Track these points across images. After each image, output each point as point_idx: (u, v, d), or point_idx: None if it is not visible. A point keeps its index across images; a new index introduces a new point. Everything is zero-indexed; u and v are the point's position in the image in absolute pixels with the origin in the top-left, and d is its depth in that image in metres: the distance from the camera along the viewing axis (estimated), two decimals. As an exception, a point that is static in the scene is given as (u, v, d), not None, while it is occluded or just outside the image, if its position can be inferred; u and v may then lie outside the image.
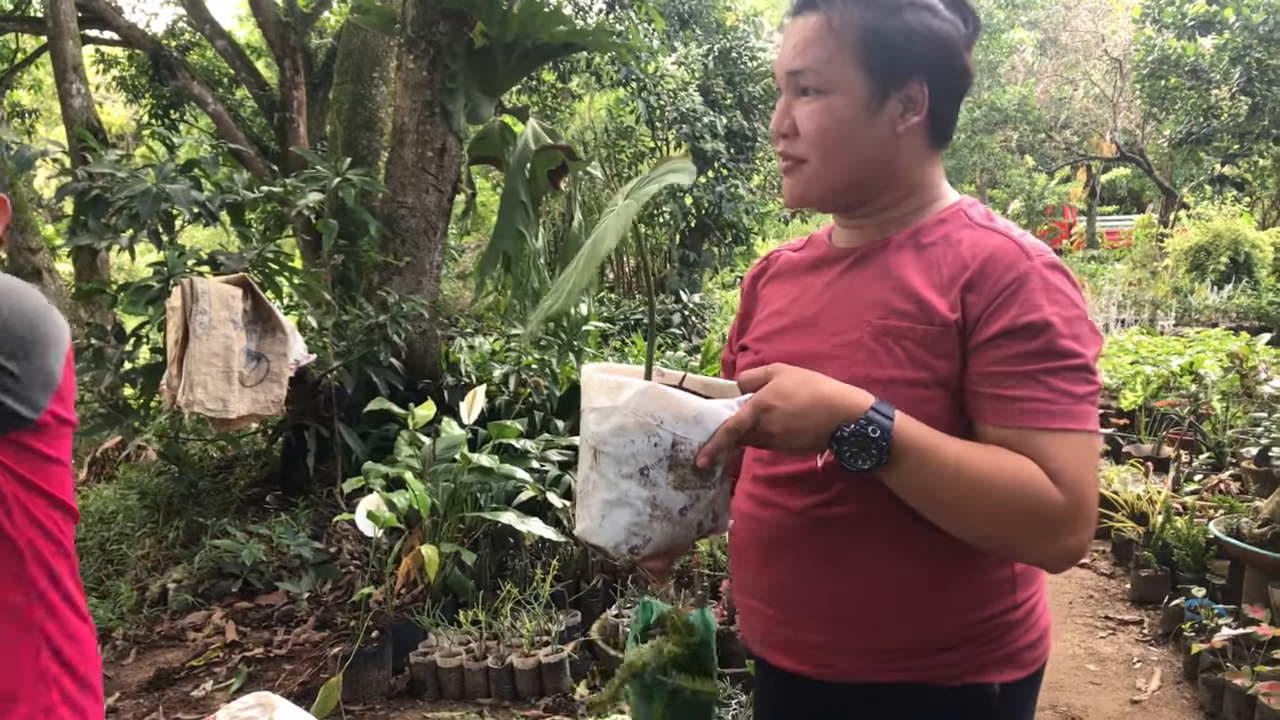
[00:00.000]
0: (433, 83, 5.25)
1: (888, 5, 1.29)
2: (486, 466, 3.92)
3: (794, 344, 1.39)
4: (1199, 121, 14.46)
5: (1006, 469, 1.17)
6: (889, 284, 1.31)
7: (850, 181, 1.35)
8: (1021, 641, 1.34)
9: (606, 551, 1.25)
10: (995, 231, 1.30)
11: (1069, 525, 1.17)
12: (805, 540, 1.36)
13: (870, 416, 1.18)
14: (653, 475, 1.21)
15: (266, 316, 4.21)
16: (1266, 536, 4.01)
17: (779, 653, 1.43)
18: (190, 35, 12.55)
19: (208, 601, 4.22)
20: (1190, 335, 9.75)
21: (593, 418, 1.24)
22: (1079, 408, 1.19)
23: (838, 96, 1.30)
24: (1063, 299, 1.22)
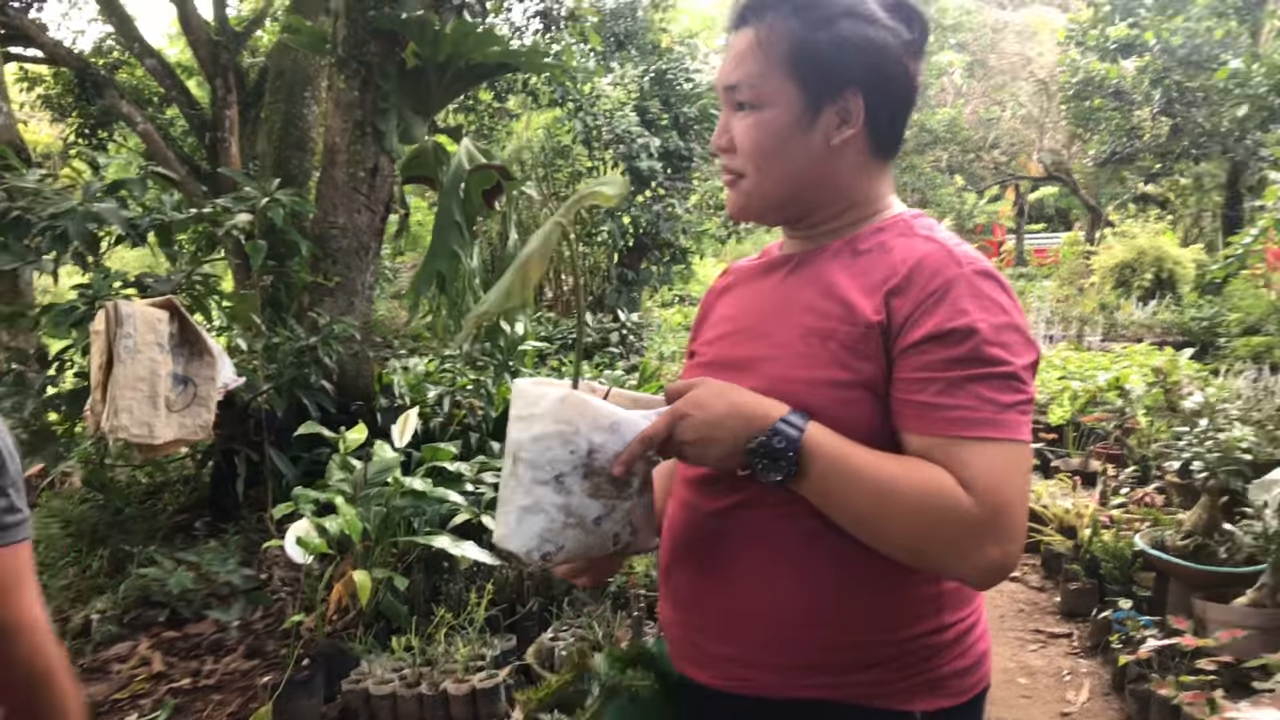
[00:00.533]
0: (364, 103, 5.22)
1: (818, 17, 1.29)
2: (419, 490, 3.88)
3: (735, 348, 1.40)
4: (1122, 142, 14.83)
5: (916, 477, 1.16)
6: (820, 287, 1.31)
7: (787, 195, 1.35)
8: (949, 667, 1.30)
9: (519, 557, 1.26)
10: (929, 239, 1.28)
11: (983, 536, 1.13)
12: (719, 544, 1.34)
13: (778, 428, 1.18)
14: (567, 482, 1.24)
15: (194, 340, 4.14)
16: (1189, 548, 4.10)
17: (692, 665, 1.40)
18: (119, 53, 12.34)
19: (133, 632, 4.12)
20: (1117, 351, 9.94)
21: (515, 426, 1.27)
22: (1003, 416, 1.16)
23: (771, 110, 1.31)
24: (992, 306, 1.20)
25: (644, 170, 11.90)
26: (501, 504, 1.29)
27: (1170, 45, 12.82)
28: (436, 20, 4.98)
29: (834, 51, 1.28)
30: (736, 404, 1.22)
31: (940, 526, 1.14)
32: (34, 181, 4.53)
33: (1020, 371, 1.19)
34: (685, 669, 1.42)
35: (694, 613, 1.39)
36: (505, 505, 1.27)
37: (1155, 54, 13.12)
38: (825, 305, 1.28)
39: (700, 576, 1.38)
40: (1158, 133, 14.28)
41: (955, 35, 23.09)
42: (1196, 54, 12.79)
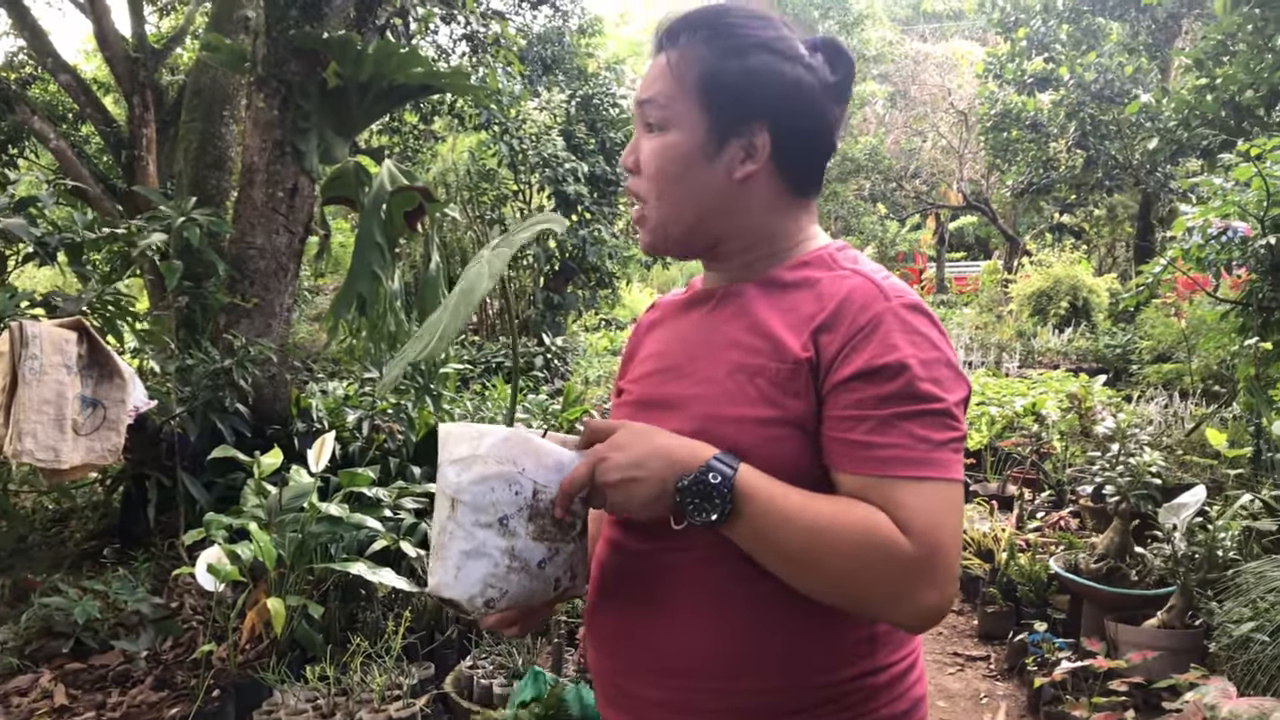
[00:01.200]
0: (284, 122, 5.15)
1: (731, 46, 1.27)
2: (336, 516, 3.81)
3: (661, 386, 1.36)
4: (1039, 173, 15.17)
5: (850, 519, 1.12)
6: (746, 323, 1.28)
7: (690, 224, 1.32)
8: (886, 710, 1.25)
9: (461, 605, 1.21)
10: (855, 273, 1.25)
11: (921, 579, 1.10)
12: (644, 586, 1.31)
13: (711, 465, 1.14)
14: (512, 525, 1.19)
15: (104, 361, 4.03)
16: (1102, 571, 4.18)
17: (617, 710, 1.36)
18: (31, 68, 12.06)
19: (35, 664, 3.97)
20: (1033, 377, 10.15)
21: (452, 470, 1.22)
22: (937, 455, 1.13)
23: (676, 134, 1.29)
24: (922, 341, 1.17)
25: (570, 195, 11.93)
26: (438, 550, 1.23)
27: (1084, 80, 13.17)
28: (359, 40, 4.93)
29: (743, 83, 1.27)
30: (660, 445, 1.18)
31: (877, 569, 1.10)
32: (-63, 198, 4.39)
33: (952, 408, 1.16)
34: (609, 714, 1.38)
35: (618, 657, 1.35)
36: (443, 551, 1.21)
37: (1070, 88, 13.46)
38: (752, 341, 1.26)
39: (624, 619, 1.34)
40: (1073, 164, 14.64)
41: (877, 66, 23.50)
42: (1109, 89, 13.16)
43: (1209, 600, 3.67)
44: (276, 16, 5.05)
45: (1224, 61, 7.97)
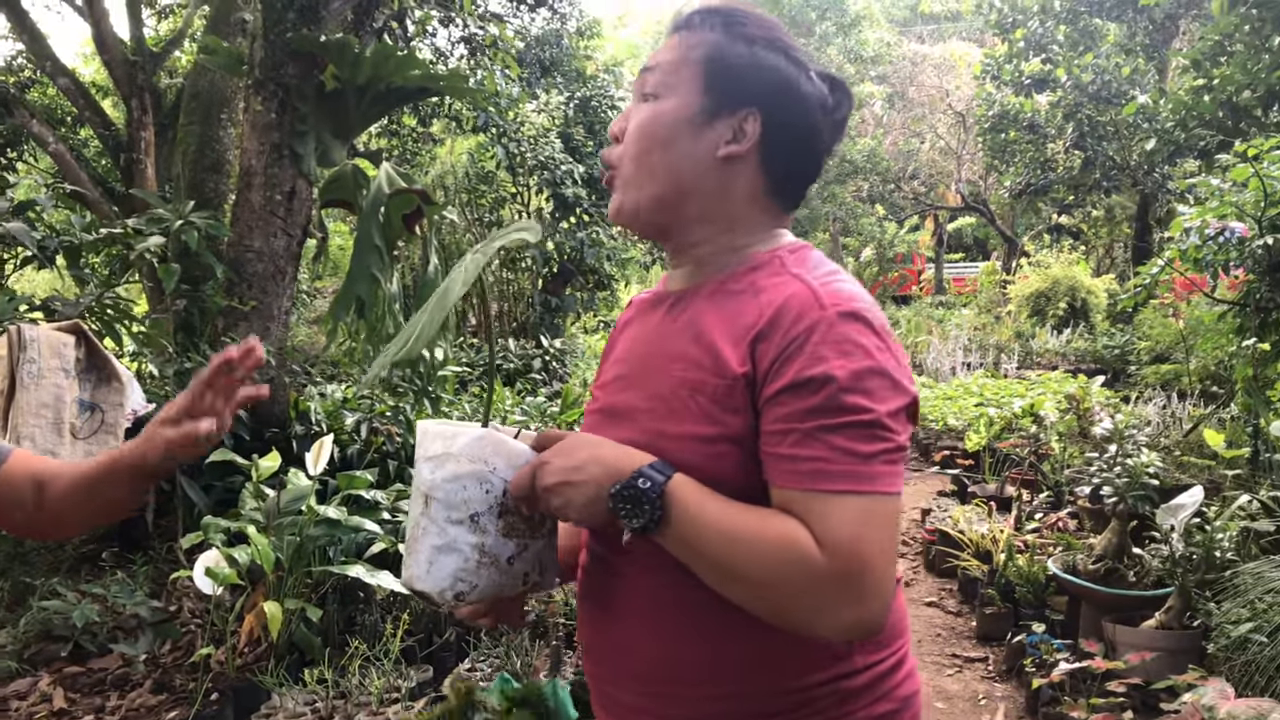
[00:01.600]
0: (281, 125, 5.15)
1: (743, 34, 1.31)
2: (334, 518, 3.81)
3: (619, 395, 1.37)
4: (1037, 174, 15.18)
5: (770, 531, 1.12)
6: (692, 334, 1.28)
7: (658, 194, 1.32)
8: (864, 713, 1.25)
9: (432, 598, 1.25)
10: (797, 278, 1.23)
11: (837, 595, 1.08)
12: (617, 591, 1.33)
13: (642, 471, 1.16)
14: (483, 522, 1.24)
15: (102, 365, 4.04)
16: (1100, 572, 4.18)
17: (605, 713, 1.38)
18: (30, 72, 12.06)
19: (34, 667, 3.97)
20: (1032, 378, 10.16)
21: (426, 466, 1.26)
22: (864, 468, 1.11)
23: (669, 101, 1.31)
24: (854, 350, 1.14)
25: (569, 197, 11.93)
26: (412, 544, 1.27)
27: (1081, 81, 13.19)
28: (356, 43, 4.94)
29: (746, 67, 1.29)
30: (598, 453, 1.20)
31: (793, 583, 1.10)
32: (-64, 201, 4.39)
33: (885, 419, 1.13)
34: (600, 716, 1.40)
35: (602, 661, 1.37)
36: (416, 545, 1.26)
37: (1067, 89, 13.47)
38: (696, 354, 1.25)
39: (603, 624, 1.36)
40: (1070, 165, 14.65)
41: (875, 67, 23.53)
42: (1106, 90, 13.18)
43: (1207, 601, 3.67)
44: (274, 20, 5.05)
45: (1221, 62, 7.97)
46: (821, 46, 21.10)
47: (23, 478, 1.38)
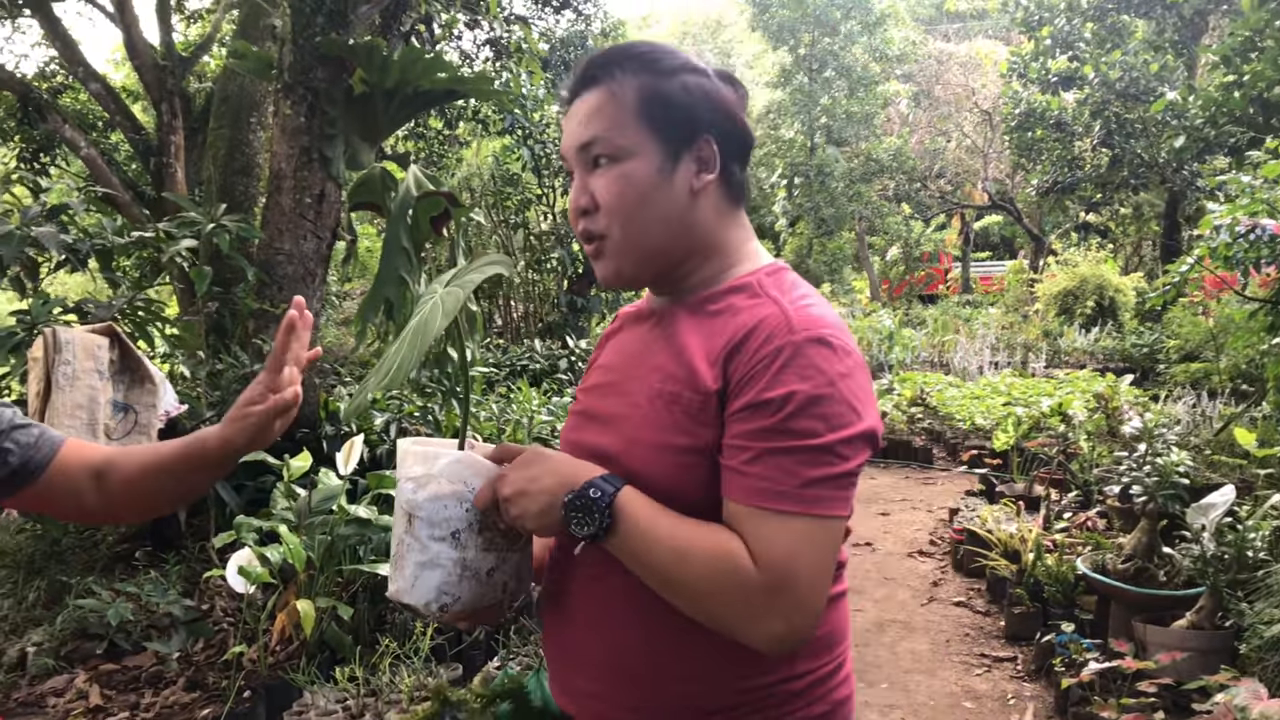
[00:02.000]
0: (311, 129, 5.19)
1: (664, 69, 1.32)
2: (365, 518, 3.85)
3: (601, 401, 1.42)
4: (1064, 172, 15.08)
5: (709, 543, 1.18)
6: (674, 348, 1.32)
7: (654, 248, 1.34)
8: (802, 713, 1.31)
9: (418, 610, 1.33)
10: (773, 301, 1.27)
11: (766, 608, 1.14)
12: (575, 583, 1.39)
13: (594, 482, 1.22)
14: (463, 538, 1.31)
15: (135, 366, 4.09)
16: (1129, 572, 4.16)
17: (563, 696, 1.45)
18: (63, 78, 12.19)
19: (70, 665, 4.03)
20: (1060, 377, 10.11)
21: (408, 486, 1.33)
22: (808, 491, 1.16)
23: (631, 161, 1.31)
24: (815, 375, 1.18)
25: (593, 197, 11.94)
26: (397, 560, 1.34)
27: (1109, 78, 13.09)
28: (384, 46, 4.97)
29: (685, 99, 1.32)
30: (554, 466, 1.27)
31: (724, 593, 1.16)
32: (-28, 206, 4.46)
33: (836, 445, 1.17)
34: (559, 700, 1.46)
35: (560, 647, 1.44)
36: (402, 561, 1.33)
37: (1094, 86, 13.38)
38: (674, 368, 1.30)
39: (562, 613, 1.42)
40: (1098, 163, 14.55)
41: (901, 66, 23.43)
42: (1134, 87, 13.08)
43: (1239, 601, 3.65)
44: (303, 24, 5.10)
45: (1252, 58, 7.90)
46: (846, 45, 21.03)
47: (78, 467, 1.41)
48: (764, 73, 24.76)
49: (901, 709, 3.96)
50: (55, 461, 1.39)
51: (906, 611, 5.06)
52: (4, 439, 1.36)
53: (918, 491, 7.75)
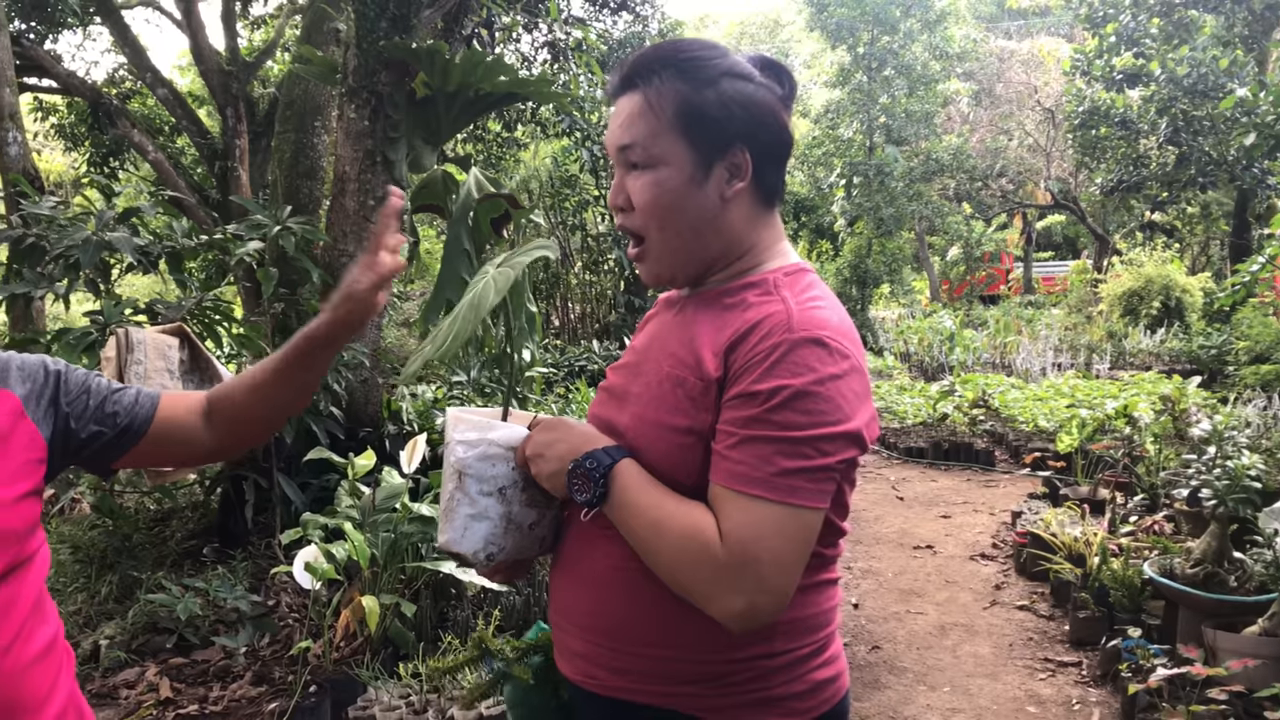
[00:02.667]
0: (374, 132, 5.26)
1: (703, 78, 1.36)
2: (428, 516, 3.89)
3: (621, 379, 1.50)
4: (1129, 170, 14.83)
5: (685, 518, 1.27)
6: (685, 335, 1.40)
7: (690, 249, 1.42)
8: (780, 690, 1.37)
9: (467, 558, 1.46)
10: (781, 300, 1.34)
11: (727, 584, 1.22)
12: (580, 552, 1.47)
13: (593, 453, 1.34)
14: (509, 494, 1.45)
15: (204, 366, 4.17)
16: (1199, 576, 4.08)
17: (560, 658, 1.53)
18: (131, 83, 12.47)
19: (141, 658, 4.12)
20: (1125, 379, 9.95)
21: (460, 448, 1.45)
22: (782, 480, 1.23)
23: (665, 169, 1.37)
24: (805, 372, 1.25)
25: (651, 198, 11.95)
26: (448, 513, 1.47)
27: (1176, 75, 12.84)
28: (446, 50, 5.02)
29: (719, 110, 1.36)
30: (569, 434, 1.40)
31: (691, 566, 1.25)
32: (48, 209, 4.57)
33: (818, 440, 1.24)
34: (560, 665, 1.54)
35: (560, 611, 1.51)
36: (452, 515, 1.46)
37: (1161, 83, 13.13)
38: (684, 354, 1.37)
39: (564, 576, 1.50)
40: (1164, 161, 14.29)
41: (962, 64, 23.19)
42: (1202, 83, 12.81)
43: (1312, 607, 3.57)
44: (367, 28, 5.16)
45: (1325, 53, 7.72)
46: (906, 44, 20.84)
47: (184, 415, 1.51)
48: (822, 72, 24.63)
49: (964, 713, 3.93)
50: (158, 415, 1.48)
51: (968, 615, 5.01)
52: (107, 403, 1.43)
53: (979, 494, 7.67)
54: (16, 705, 1.23)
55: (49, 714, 1.28)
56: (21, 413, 1.32)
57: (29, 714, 1.25)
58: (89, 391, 1.42)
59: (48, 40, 11.34)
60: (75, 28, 11.97)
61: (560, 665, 1.53)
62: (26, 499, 1.29)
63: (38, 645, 1.28)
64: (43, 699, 1.28)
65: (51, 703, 1.29)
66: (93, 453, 1.42)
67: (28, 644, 1.26)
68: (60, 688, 1.32)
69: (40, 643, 1.28)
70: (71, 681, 1.37)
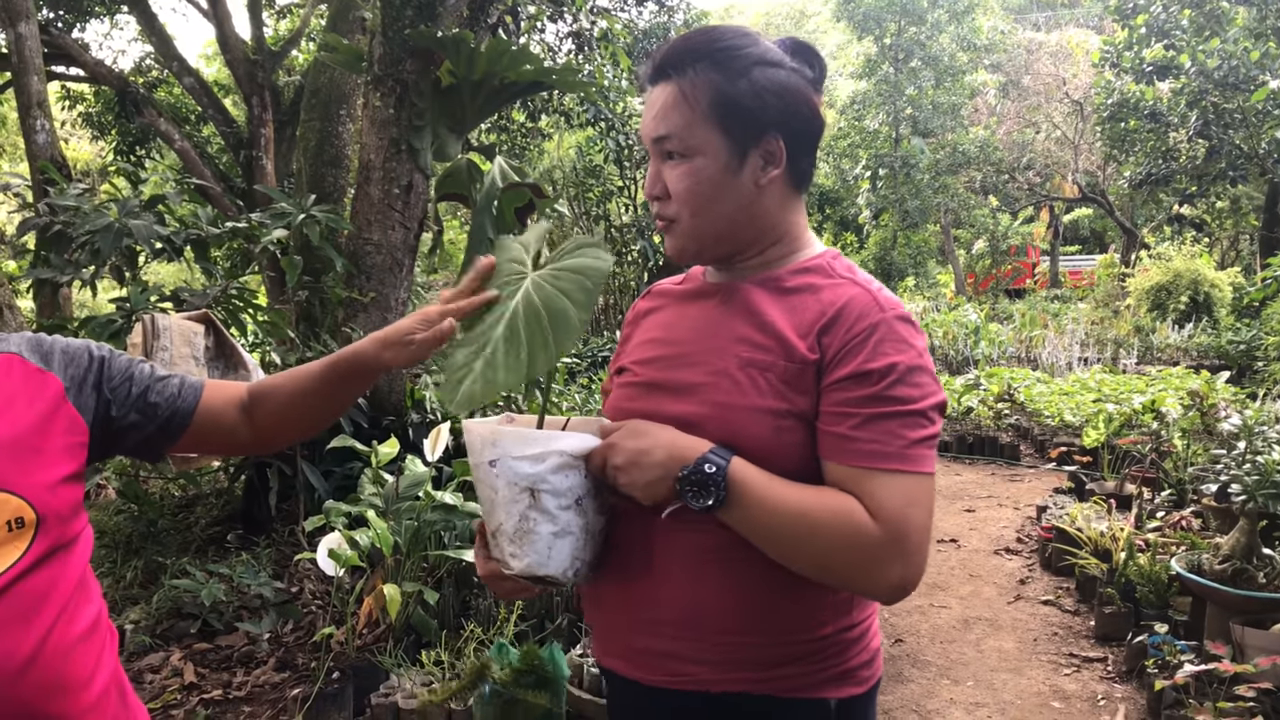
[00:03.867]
0: (399, 120, 5.26)
1: (736, 67, 1.38)
2: (450, 504, 3.89)
3: (669, 372, 1.47)
4: (1158, 163, 14.68)
5: (828, 505, 1.28)
6: (754, 321, 1.41)
7: (720, 234, 1.44)
8: (856, 660, 1.43)
9: (556, 579, 1.39)
10: (854, 283, 1.39)
11: (888, 557, 1.26)
12: (647, 546, 1.44)
13: (707, 456, 1.30)
14: (584, 504, 1.39)
15: (229, 353, 4.18)
16: (1227, 573, 4.04)
17: (626, 662, 1.49)
18: (158, 72, 12.53)
19: (166, 643, 4.14)
20: (1152, 373, 9.86)
21: (525, 464, 1.36)
22: (911, 451, 1.29)
23: (700, 159, 1.39)
24: (909, 350, 1.32)
25: (675, 189, 11.91)
26: (521, 535, 1.38)
27: (1206, 67, 12.69)
28: (471, 38, 5.01)
29: (753, 100, 1.37)
30: (663, 438, 1.34)
31: (848, 550, 1.27)
32: (74, 197, 4.59)
33: (928, 410, 1.32)
34: (614, 665, 1.52)
35: (627, 613, 1.47)
36: (530, 536, 1.37)
37: (1191, 76, 12.98)
38: (761, 339, 1.38)
39: (628, 576, 1.46)
40: (1194, 154, 14.13)
41: (989, 56, 23.03)
42: (1233, 75, 12.66)
43: (1343, 605, 3.52)
44: (392, 16, 5.16)
45: (1360, 44, 7.61)
46: (933, 35, 20.73)
47: (225, 406, 1.51)
48: (848, 63, 24.53)
49: (988, 707, 3.90)
50: (201, 405, 1.48)
51: (993, 609, 4.98)
52: (150, 393, 1.44)
53: (1004, 488, 7.61)
54: (61, 684, 1.25)
55: (92, 692, 1.30)
56: (63, 397, 1.33)
57: (73, 692, 1.26)
58: (132, 379, 1.42)
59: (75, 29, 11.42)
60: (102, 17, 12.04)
61: (616, 665, 1.51)
62: (69, 482, 1.30)
63: (81, 625, 1.30)
64: (87, 678, 1.29)
65: (95, 681, 1.31)
66: (135, 443, 1.44)
67: (71, 624, 1.28)
68: (104, 666, 1.34)
69: (84, 623, 1.31)
70: (114, 660, 1.38)
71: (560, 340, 1.35)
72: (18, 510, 1.22)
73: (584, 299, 1.39)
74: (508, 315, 1.42)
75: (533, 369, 1.36)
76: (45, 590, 1.24)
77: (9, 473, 1.23)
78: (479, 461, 1.40)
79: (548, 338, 1.37)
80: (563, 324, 1.37)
